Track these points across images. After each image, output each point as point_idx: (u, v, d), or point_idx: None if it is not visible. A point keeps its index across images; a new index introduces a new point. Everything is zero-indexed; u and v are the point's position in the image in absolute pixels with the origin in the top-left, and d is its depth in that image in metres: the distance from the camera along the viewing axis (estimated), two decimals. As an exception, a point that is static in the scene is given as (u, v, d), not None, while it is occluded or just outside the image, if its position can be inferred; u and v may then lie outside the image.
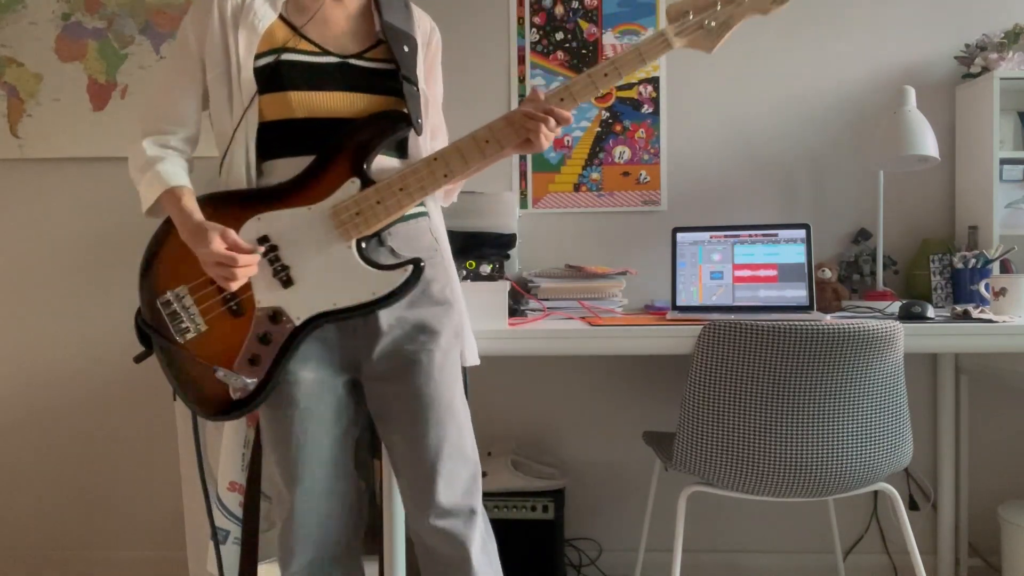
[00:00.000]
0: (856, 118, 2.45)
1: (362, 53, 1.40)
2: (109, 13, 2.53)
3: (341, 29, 1.41)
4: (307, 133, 1.35)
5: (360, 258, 1.34)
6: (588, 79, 1.38)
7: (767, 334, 1.60)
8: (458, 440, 1.41)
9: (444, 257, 1.49)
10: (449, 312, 1.44)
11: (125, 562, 2.59)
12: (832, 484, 1.65)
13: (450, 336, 1.43)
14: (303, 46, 1.37)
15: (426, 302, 1.41)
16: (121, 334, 2.56)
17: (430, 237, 1.47)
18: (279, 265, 1.34)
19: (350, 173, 1.33)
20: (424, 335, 1.39)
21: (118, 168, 2.56)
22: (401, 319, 1.39)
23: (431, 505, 1.38)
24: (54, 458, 2.60)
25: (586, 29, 2.48)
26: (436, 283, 1.43)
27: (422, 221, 1.46)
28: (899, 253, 2.42)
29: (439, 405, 1.39)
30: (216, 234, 1.26)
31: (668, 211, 2.48)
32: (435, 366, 1.39)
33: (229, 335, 1.34)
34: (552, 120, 1.35)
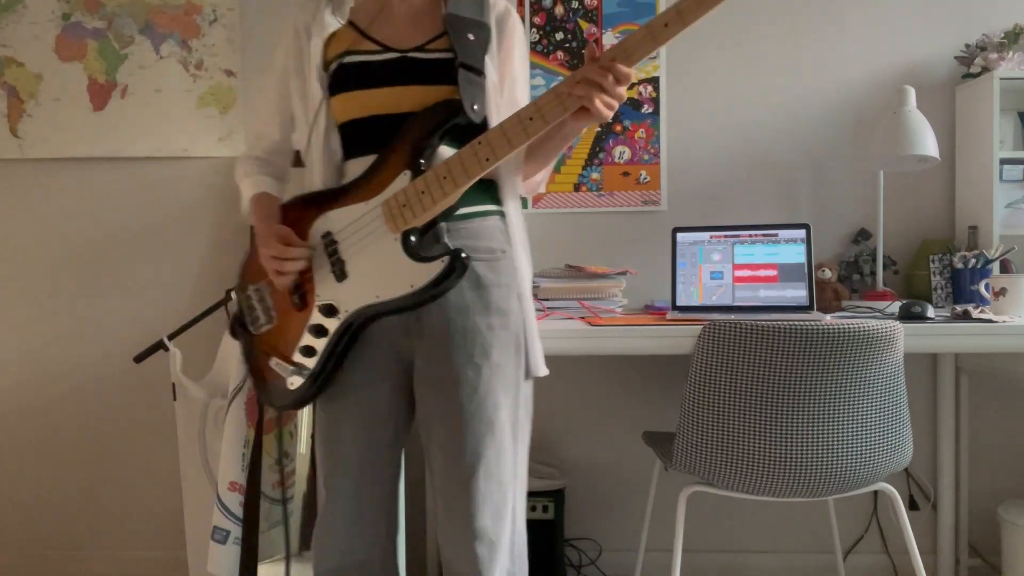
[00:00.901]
0: (856, 118, 2.45)
1: (424, 46, 1.38)
2: (109, 13, 2.53)
3: (405, 25, 1.41)
4: (373, 131, 1.37)
5: (405, 251, 1.30)
6: (646, 32, 1.20)
7: (767, 334, 1.59)
8: (496, 462, 1.34)
9: (514, 262, 1.40)
10: (507, 323, 1.37)
11: (125, 562, 2.59)
12: (832, 484, 1.65)
13: (506, 350, 1.36)
14: (366, 46, 1.39)
15: (482, 310, 1.35)
16: (121, 334, 2.56)
17: (500, 238, 1.39)
18: (336, 259, 1.36)
19: (403, 166, 1.32)
20: (474, 347, 1.34)
21: (118, 168, 2.57)
22: (452, 324, 1.34)
23: (457, 525, 1.34)
24: (54, 458, 2.60)
25: (586, 29, 2.48)
26: (498, 289, 1.36)
27: (491, 220, 1.39)
28: (899, 253, 2.42)
29: (479, 423, 1.33)
30: (272, 233, 1.35)
31: (668, 211, 2.48)
32: (481, 381, 1.33)
33: (293, 327, 1.40)
34: (610, 77, 1.20)
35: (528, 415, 1.43)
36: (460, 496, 1.33)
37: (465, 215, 1.36)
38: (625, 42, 1.21)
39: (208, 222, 2.55)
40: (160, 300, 2.55)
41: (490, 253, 1.37)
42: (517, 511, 1.41)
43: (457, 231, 1.35)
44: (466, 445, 1.33)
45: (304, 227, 1.39)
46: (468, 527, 1.33)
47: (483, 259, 1.36)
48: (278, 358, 1.40)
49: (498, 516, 1.35)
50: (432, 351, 1.35)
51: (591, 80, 1.21)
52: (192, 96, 2.54)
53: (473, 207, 1.37)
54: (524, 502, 1.44)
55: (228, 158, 2.54)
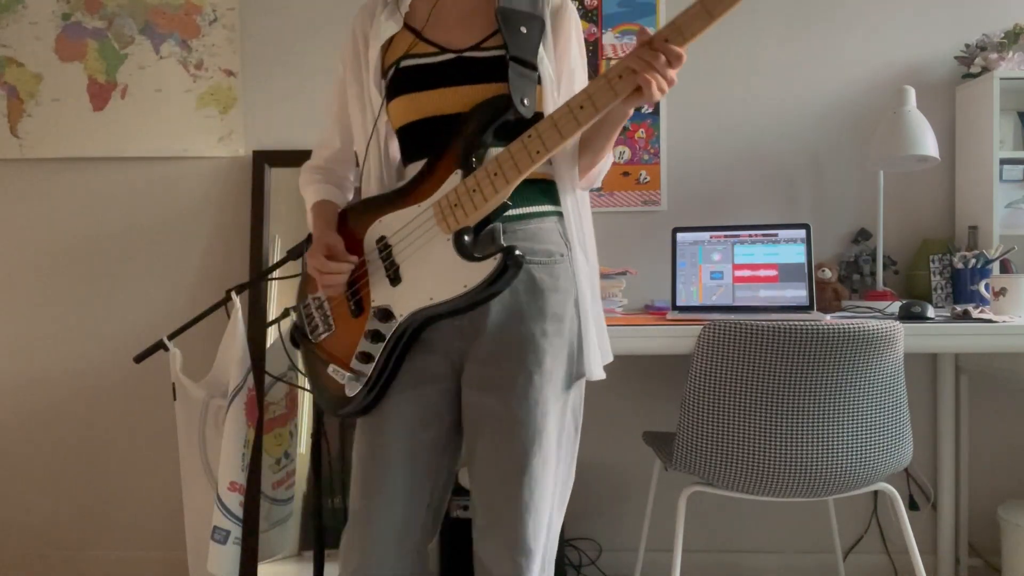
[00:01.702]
0: (856, 118, 2.45)
1: (479, 44, 1.36)
2: (109, 13, 2.53)
3: (459, 25, 1.39)
4: (430, 133, 1.35)
5: (457, 251, 1.27)
6: (700, 6, 1.13)
7: (767, 334, 1.59)
8: (541, 472, 1.31)
9: (575, 265, 1.36)
10: (561, 330, 1.33)
11: (125, 562, 2.59)
12: (832, 484, 1.65)
13: (558, 357, 1.33)
14: (423, 49, 1.38)
15: (537, 315, 1.31)
16: (121, 334, 2.56)
17: (558, 240, 1.35)
18: (390, 263, 1.34)
19: (454, 166, 1.30)
20: (527, 353, 1.30)
21: (118, 168, 2.57)
22: (507, 330, 1.31)
23: (498, 534, 1.31)
24: (54, 458, 2.60)
25: (586, 29, 2.48)
26: (555, 294, 1.33)
27: (548, 221, 1.35)
28: (899, 253, 2.42)
29: (528, 432, 1.30)
30: (322, 243, 1.36)
31: (668, 211, 2.48)
32: (532, 388, 1.30)
33: (351, 334, 1.38)
34: (662, 58, 1.16)
35: (576, 422, 1.41)
36: (504, 505, 1.31)
37: (521, 216, 1.33)
38: (677, 20, 1.15)
39: (208, 222, 2.55)
40: (160, 300, 2.55)
41: (548, 256, 1.33)
42: (554, 519, 1.37)
43: (513, 233, 1.32)
44: (513, 454, 1.30)
45: (361, 232, 1.38)
46: (510, 537, 1.30)
47: (540, 262, 1.33)
48: (336, 365, 1.38)
49: (537, 527, 1.32)
50: (484, 356, 1.32)
51: (645, 60, 1.17)
52: (192, 96, 2.54)
53: (530, 207, 1.34)
54: (563, 510, 1.40)
55: (228, 158, 2.54)
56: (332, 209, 1.47)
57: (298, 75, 2.54)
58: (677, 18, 1.15)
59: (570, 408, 1.39)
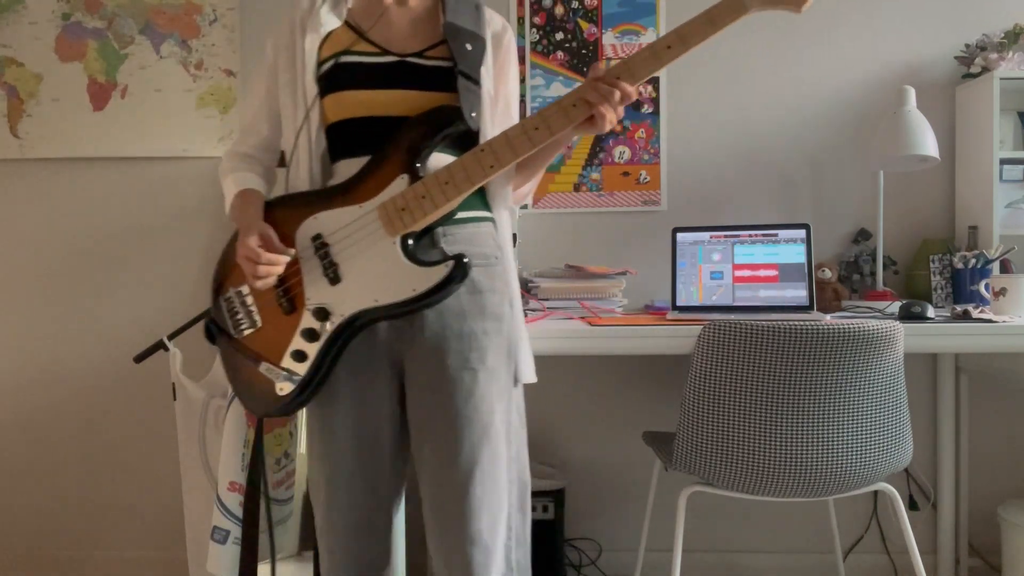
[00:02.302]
0: (856, 118, 2.45)
1: (423, 52, 1.39)
2: (109, 13, 2.53)
3: (404, 30, 1.41)
4: (366, 132, 1.36)
5: (404, 255, 1.30)
6: (650, 52, 1.24)
7: (767, 334, 1.59)
8: (491, 467, 1.33)
9: (505, 268, 1.41)
10: (501, 328, 1.37)
11: (125, 562, 2.59)
12: (832, 484, 1.65)
13: (499, 354, 1.37)
14: (364, 48, 1.39)
15: (477, 315, 1.35)
16: (121, 334, 2.56)
17: (493, 244, 1.40)
18: (328, 262, 1.34)
19: (400, 170, 1.31)
20: (470, 351, 1.33)
21: (118, 168, 2.57)
22: (448, 328, 1.34)
23: (451, 531, 1.32)
24: (54, 458, 2.60)
25: (586, 29, 2.48)
26: (492, 295, 1.37)
27: (484, 226, 1.39)
28: (899, 253, 2.42)
29: (475, 427, 1.32)
30: (254, 232, 1.31)
31: (668, 211, 2.48)
32: (478, 385, 1.33)
33: (280, 331, 1.37)
34: (616, 95, 1.24)
35: (522, 421, 1.43)
36: (455, 502, 1.32)
37: (461, 220, 1.36)
38: (630, 61, 1.24)
39: (208, 222, 2.55)
40: (160, 300, 2.56)
41: (485, 259, 1.37)
42: (514, 519, 1.39)
43: (453, 236, 1.35)
44: (462, 450, 1.32)
45: (290, 229, 1.36)
46: (463, 532, 1.31)
47: (479, 264, 1.36)
48: (268, 363, 1.37)
49: (494, 522, 1.34)
50: (427, 355, 1.34)
51: (601, 94, 1.24)
52: (192, 96, 2.54)
53: (467, 212, 1.37)
54: (524, 512, 1.41)
55: (228, 158, 2.54)
56: (259, 199, 1.43)
57: (298, 75, 2.54)
58: (629, 59, 1.24)
59: (515, 407, 1.41)
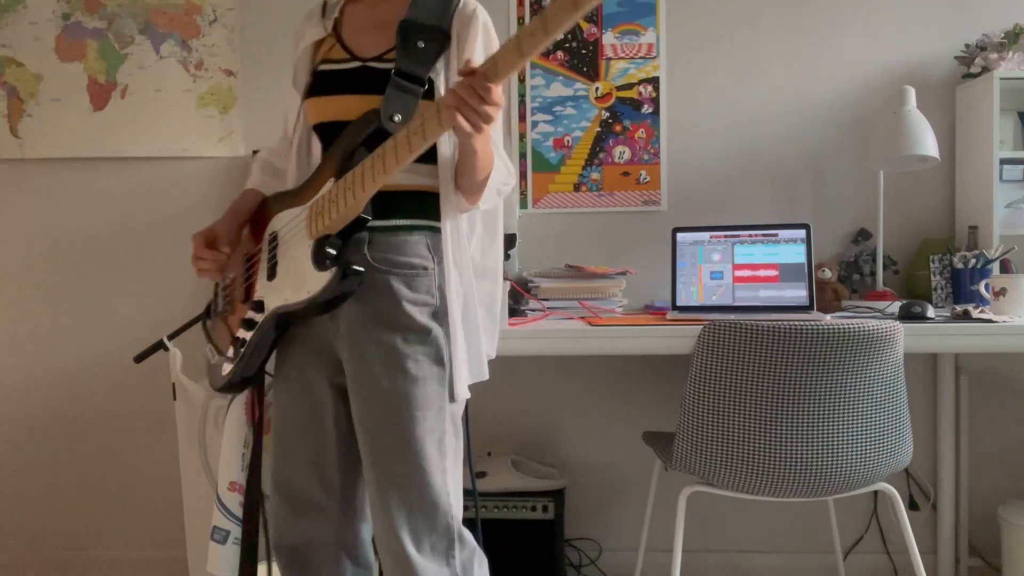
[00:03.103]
0: (856, 118, 2.45)
1: (381, 56, 1.39)
2: (109, 13, 2.53)
3: (371, 35, 1.43)
4: (325, 137, 1.43)
5: (312, 258, 1.32)
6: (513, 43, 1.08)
7: (767, 334, 1.59)
8: (414, 482, 1.31)
9: (444, 278, 1.36)
10: (425, 339, 1.34)
11: (125, 562, 2.58)
12: (832, 484, 1.65)
13: (424, 364, 1.33)
14: (337, 55, 1.43)
15: (395, 323, 1.33)
16: (121, 334, 2.56)
17: (425, 253, 1.36)
18: (272, 257, 1.43)
19: (330, 174, 1.35)
20: (388, 359, 1.32)
21: (118, 168, 2.57)
22: (367, 334, 1.34)
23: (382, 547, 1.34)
24: (54, 458, 2.60)
25: (586, 29, 2.48)
26: (413, 305, 1.33)
27: (416, 235, 1.37)
28: (899, 253, 2.42)
29: (387, 438, 1.32)
30: (206, 230, 1.47)
31: (668, 211, 2.48)
32: (397, 393, 1.31)
33: (235, 318, 1.51)
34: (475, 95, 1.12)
35: (457, 433, 1.39)
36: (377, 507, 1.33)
37: (390, 228, 1.36)
38: (495, 55, 1.12)
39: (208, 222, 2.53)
40: (160, 300, 2.55)
41: (409, 268, 1.35)
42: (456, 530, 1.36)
43: (379, 243, 1.35)
44: (374, 462, 1.33)
45: (263, 225, 1.50)
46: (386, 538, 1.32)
47: (400, 274, 1.34)
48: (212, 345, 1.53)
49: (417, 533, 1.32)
50: (350, 357, 1.36)
51: (459, 96, 1.14)
52: (192, 96, 2.54)
53: (399, 220, 1.36)
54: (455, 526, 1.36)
55: (228, 158, 2.54)
56: (252, 197, 1.54)
57: (298, 75, 2.54)
58: (495, 54, 1.12)
59: (449, 419, 1.37)
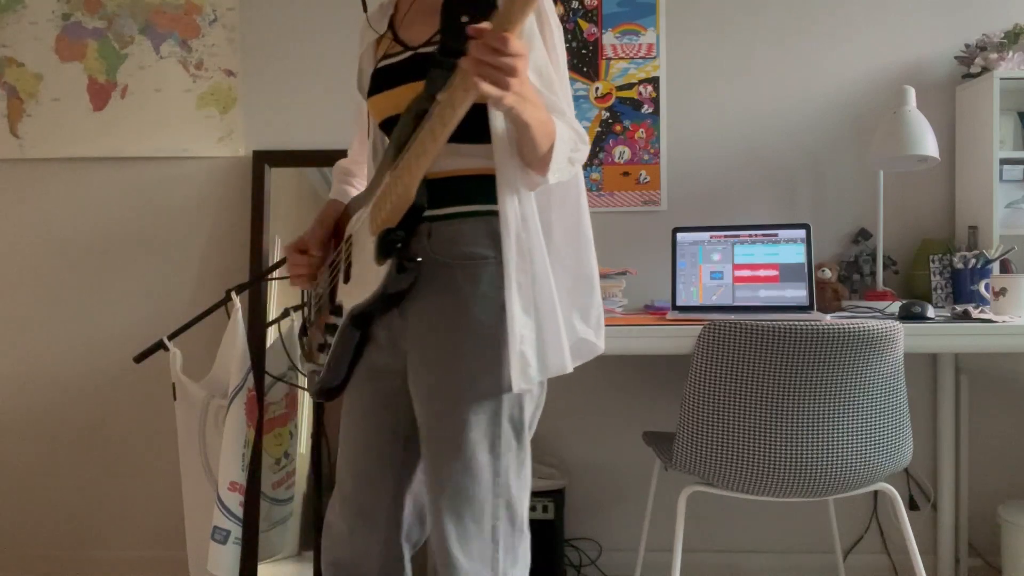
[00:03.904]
0: (856, 118, 2.45)
1: (430, 40, 1.30)
2: (109, 13, 2.53)
3: (420, 22, 1.36)
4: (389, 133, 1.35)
5: (375, 252, 1.26)
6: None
7: (767, 334, 1.59)
8: (465, 485, 1.23)
9: (508, 267, 1.20)
10: (485, 333, 1.23)
11: (125, 562, 2.58)
12: (832, 484, 1.65)
13: (479, 363, 1.24)
14: (393, 49, 1.38)
15: (459, 320, 1.25)
16: (121, 334, 2.56)
17: (485, 242, 1.25)
18: (347, 259, 1.40)
19: (388, 168, 1.29)
20: (447, 356, 1.25)
21: (118, 168, 2.57)
22: (431, 330, 1.27)
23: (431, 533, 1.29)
24: (54, 458, 2.60)
25: (586, 29, 2.48)
26: (478, 299, 1.24)
27: (470, 222, 1.27)
28: (899, 253, 2.42)
29: (446, 434, 1.24)
30: (295, 240, 1.46)
31: (668, 211, 2.48)
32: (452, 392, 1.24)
33: (321, 325, 1.48)
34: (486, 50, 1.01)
35: (516, 431, 1.28)
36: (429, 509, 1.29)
37: (447, 216, 1.27)
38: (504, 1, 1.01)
39: (208, 222, 2.55)
40: (160, 300, 2.55)
41: (469, 259, 1.25)
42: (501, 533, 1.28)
43: (439, 233, 1.27)
44: (436, 457, 1.26)
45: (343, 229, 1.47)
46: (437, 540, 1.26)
47: (459, 265, 1.25)
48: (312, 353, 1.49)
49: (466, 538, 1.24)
50: (414, 355, 1.31)
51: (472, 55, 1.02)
52: (192, 96, 2.54)
53: (456, 207, 1.27)
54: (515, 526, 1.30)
55: (228, 158, 2.54)
56: (334, 207, 1.52)
57: (298, 75, 2.54)
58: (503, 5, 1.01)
59: (506, 416, 1.26)
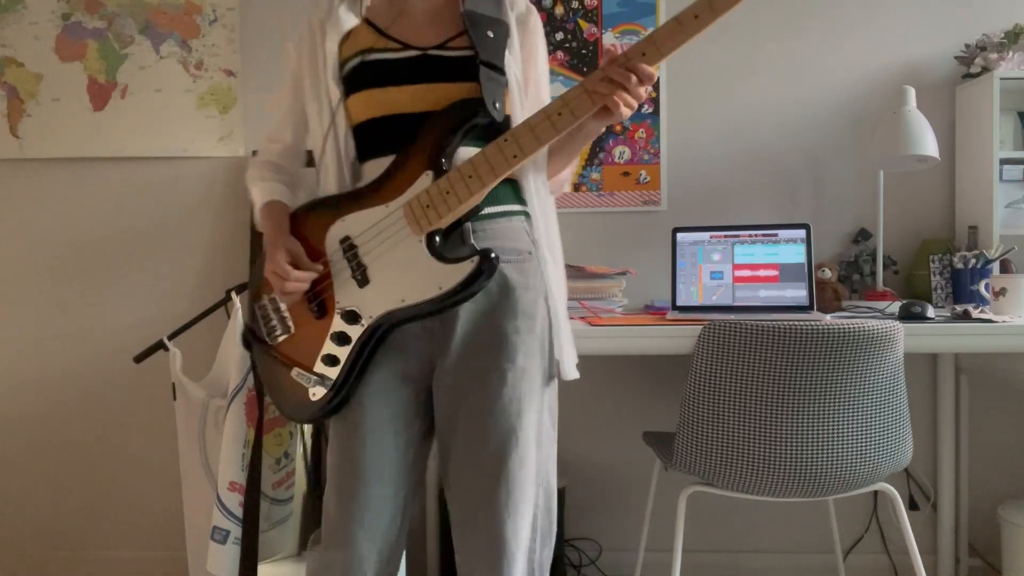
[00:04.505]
0: (856, 118, 2.45)
1: (444, 44, 1.35)
2: (109, 13, 2.53)
3: (424, 23, 1.38)
4: (393, 130, 1.33)
5: (431, 253, 1.27)
6: (675, 23, 1.17)
7: (767, 334, 1.59)
8: (518, 472, 1.29)
9: (542, 263, 1.35)
10: (533, 327, 1.32)
11: (125, 562, 2.59)
12: (832, 484, 1.65)
13: (532, 354, 1.32)
14: (387, 44, 1.36)
15: (508, 313, 1.31)
16: (121, 334, 2.56)
17: (526, 240, 1.35)
18: (356, 264, 1.32)
19: (425, 166, 1.28)
20: (500, 351, 1.30)
21: (118, 168, 2.57)
22: (478, 327, 1.31)
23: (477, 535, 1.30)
24: (54, 458, 2.60)
25: (586, 29, 2.48)
26: (525, 292, 1.32)
27: (516, 220, 1.35)
28: (899, 253, 2.42)
29: (502, 429, 1.29)
30: (281, 249, 1.32)
31: (668, 211, 2.48)
32: (506, 386, 1.29)
33: (313, 336, 1.35)
34: (633, 79, 1.19)
35: (553, 422, 1.39)
36: (480, 506, 1.30)
37: (490, 215, 1.32)
38: (654, 35, 1.18)
39: (208, 222, 2.55)
40: (160, 300, 2.55)
41: (517, 254, 1.33)
42: (540, 522, 1.35)
43: (483, 232, 1.32)
44: (489, 453, 1.29)
45: (320, 233, 1.36)
46: (487, 536, 1.29)
47: (509, 260, 1.32)
48: (299, 368, 1.36)
49: (517, 527, 1.30)
50: (456, 356, 1.32)
51: (614, 80, 1.20)
52: (192, 96, 2.54)
53: (498, 207, 1.33)
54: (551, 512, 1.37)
55: (228, 158, 2.54)
56: (283, 210, 1.43)
57: (298, 75, 2.54)
58: (654, 33, 1.18)
59: (547, 408, 1.36)
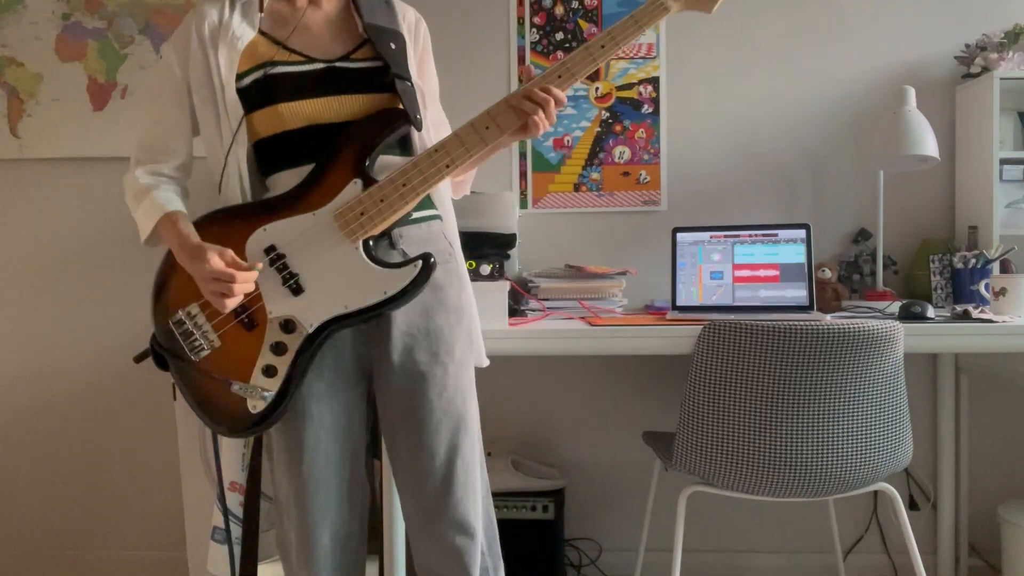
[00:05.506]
0: (856, 118, 2.45)
1: (348, 55, 1.38)
2: (109, 13, 2.53)
3: (323, 35, 1.40)
4: (304, 142, 1.34)
5: (368, 259, 1.31)
6: (585, 52, 1.35)
7: (767, 334, 1.59)
8: (471, 454, 1.39)
9: (458, 263, 1.46)
10: (462, 320, 1.41)
11: (125, 562, 2.59)
12: (832, 484, 1.65)
13: (464, 346, 1.42)
14: (288, 57, 1.36)
15: (440, 309, 1.39)
16: (121, 334, 2.56)
17: (444, 241, 1.43)
18: (287, 273, 1.32)
19: (352, 174, 1.31)
20: (437, 346, 1.37)
21: (118, 168, 2.55)
22: (414, 326, 1.37)
23: (438, 523, 1.35)
24: (54, 458, 2.60)
25: (586, 29, 2.48)
26: (451, 289, 1.41)
27: (435, 224, 1.43)
28: (899, 253, 2.42)
29: (452, 418, 1.37)
30: (214, 252, 1.26)
31: (668, 211, 2.48)
32: (449, 378, 1.37)
33: (244, 348, 1.32)
34: (551, 101, 1.32)
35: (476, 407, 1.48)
36: (439, 494, 1.35)
37: (413, 220, 1.38)
38: (568, 62, 1.35)
39: (208, 222, 2.55)
40: (160, 300, 2.55)
41: (440, 255, 1.38)
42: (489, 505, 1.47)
43: (409, 237, 1.38)
44: (442, 443, 1.36)
45: (235, 243, 1.31)
46: (449, 520, 1.36)
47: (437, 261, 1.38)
48: (239, 382, 1.32)
49: (476, 508, 1.39)
50: (397, 356, 1.36)
51: (537, 100, 1.32)
52: (192, 96, 2.53)
53: (419, 212, 1.39)
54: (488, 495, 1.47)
55: (228, 158, 2.54)
56: (187, 219, 1.37)
57: (298, 75, 2.54)
58: (567, 60, 1.35)
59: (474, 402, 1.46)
